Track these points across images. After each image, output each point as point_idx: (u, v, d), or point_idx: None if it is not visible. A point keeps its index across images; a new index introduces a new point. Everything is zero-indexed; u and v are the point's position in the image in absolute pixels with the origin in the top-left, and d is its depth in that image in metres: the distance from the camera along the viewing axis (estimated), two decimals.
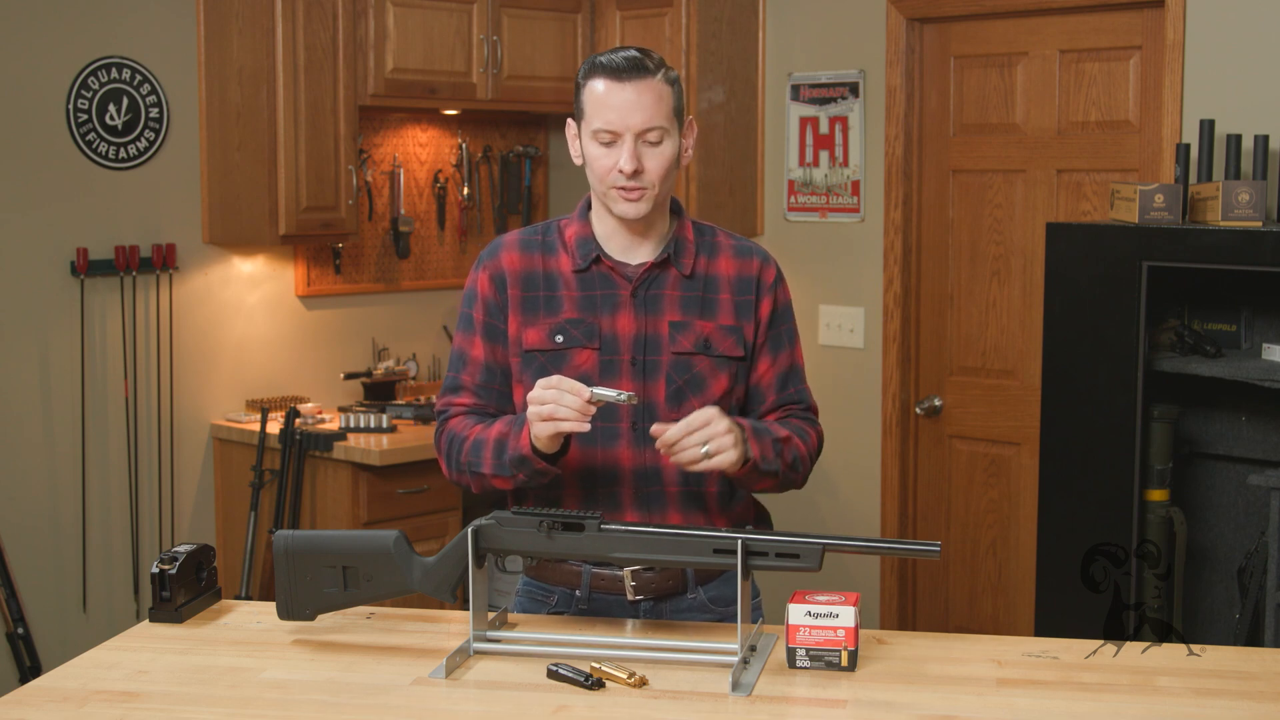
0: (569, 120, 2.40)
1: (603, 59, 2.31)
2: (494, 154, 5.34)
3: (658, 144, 2.30)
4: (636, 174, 2.29)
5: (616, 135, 2.29)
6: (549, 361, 2.34)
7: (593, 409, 2.17)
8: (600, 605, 2.39)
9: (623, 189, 2.30)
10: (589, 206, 2.43)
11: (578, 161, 2.38)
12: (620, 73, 2.28)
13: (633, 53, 2.32)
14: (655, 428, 2.24)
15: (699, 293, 2.40)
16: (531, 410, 2.19)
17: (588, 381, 2.29)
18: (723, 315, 2.40)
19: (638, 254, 2.39)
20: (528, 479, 2.29)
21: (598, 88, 2.30)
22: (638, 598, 2.37)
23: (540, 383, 2.20)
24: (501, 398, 2.42)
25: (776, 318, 2.45)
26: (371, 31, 4.56)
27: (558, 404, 2.16)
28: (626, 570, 2.35)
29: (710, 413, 2.21)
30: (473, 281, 2.44)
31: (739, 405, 2.44)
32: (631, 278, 2.37)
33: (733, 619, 2.38)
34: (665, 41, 4.79)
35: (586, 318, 2.36)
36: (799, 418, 2.46)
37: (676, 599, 2.40)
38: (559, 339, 2.36)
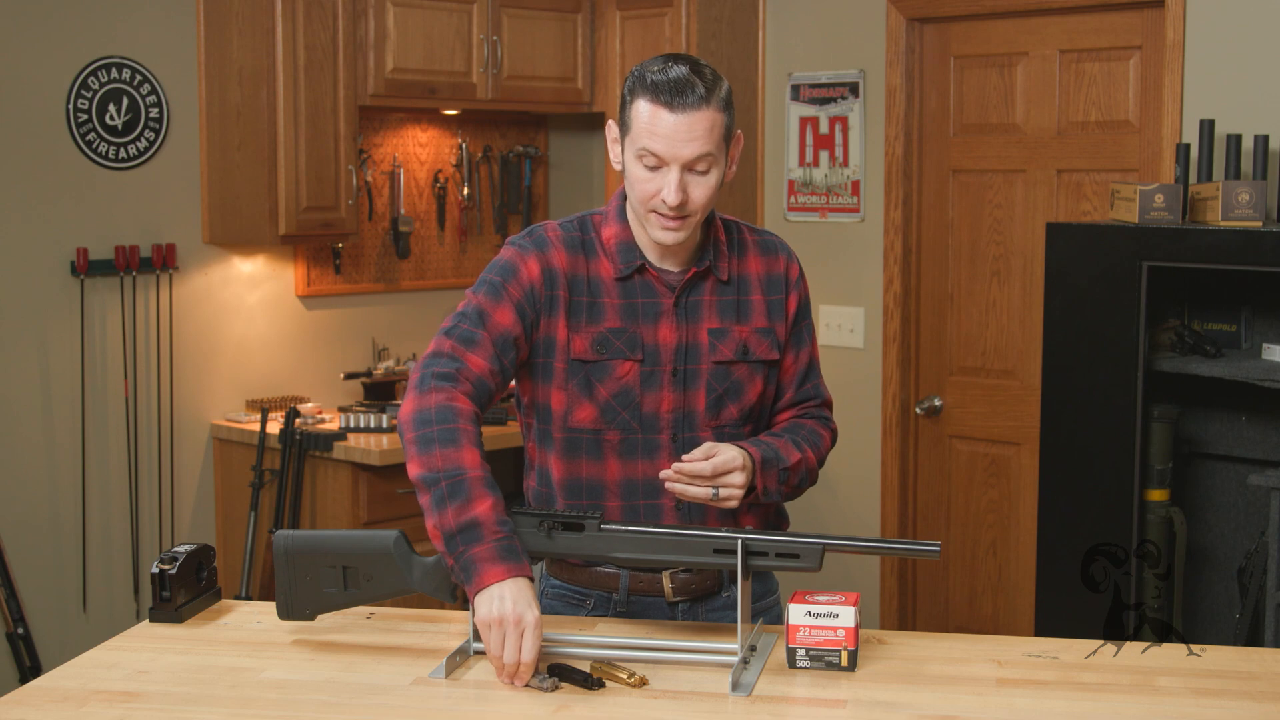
0: (610, 122, 2.30)
1: (656, 76, 2.18)
2: (494, 154, 5.34)
3: (705, 173, 2.19)
4: (680, 205, 2.20)
5: (663, 161, 2.19)
6: (592, 372, 2.27)
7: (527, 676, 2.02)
8: (638, 607, 2.36)
9: (663, 215, 2.21)
10: (624, 204, 2.33)
11: (616, 166, 2.28)
12: (673, 99, 2.16)
13: (685, 71, 2.17)
14: (670, 473, 2.17)
15: (734, 296, 2.34)
16: (482, 635, 2.03)
17: (628, 394, 2.26)
18: (756, 317, 2.35)
19: (675, 260, 2.32)
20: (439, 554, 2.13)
21: (646, 110, 2.17)
22: (677, 599, 2.36)
23: (489, 621, 2.01)
24: (504, 380, 2.26)
25: (800, 314, 2.41)
26: (371, 31, 4.56)
27: (500, 652, 2.01)
28: (665, 572, 2.34)
29: (732, 459, 2.17)
30: (513, 258, 2.28)
31: (771, 405, 2.41)
32: (674, 286, 2.30)
33: (763, 614, 2.38)
34: (665, 41, 4.79)
35: (629, 327, 2.29)
36: (814, 418, 2.42)
37: (712, 599, 2.38)
38: (602, 350, 2.28)
